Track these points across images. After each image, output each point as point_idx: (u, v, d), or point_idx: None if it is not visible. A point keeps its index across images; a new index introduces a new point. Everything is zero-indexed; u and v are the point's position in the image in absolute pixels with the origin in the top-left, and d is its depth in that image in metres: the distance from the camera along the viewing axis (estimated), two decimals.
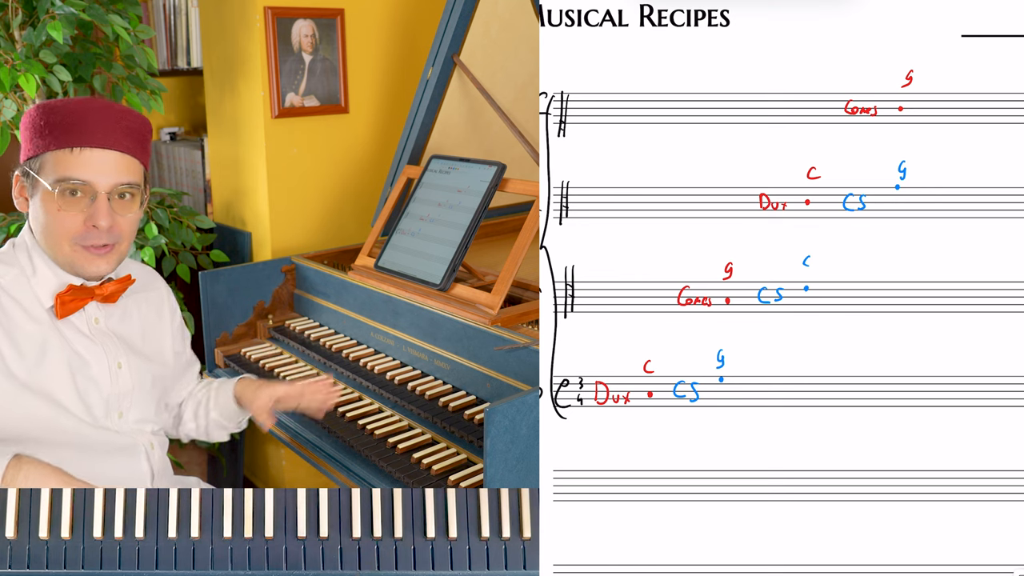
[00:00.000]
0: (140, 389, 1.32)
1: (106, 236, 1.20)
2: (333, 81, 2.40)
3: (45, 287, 1.22)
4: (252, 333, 2.09)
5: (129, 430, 1.30)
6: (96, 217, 1.19)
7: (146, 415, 1.34)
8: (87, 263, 1.21)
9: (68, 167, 1.18)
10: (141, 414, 1.32)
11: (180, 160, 2.79)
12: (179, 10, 2.77)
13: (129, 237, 1.25)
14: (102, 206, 1.19)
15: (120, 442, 1.28)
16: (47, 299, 1.22)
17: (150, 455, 1.32)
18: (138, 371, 1.32)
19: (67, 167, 1.18)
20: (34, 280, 1.22)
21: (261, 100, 2.29)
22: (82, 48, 2.06)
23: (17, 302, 1.21)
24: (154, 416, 1.37)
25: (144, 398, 1.33)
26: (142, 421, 1.32)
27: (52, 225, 1.19)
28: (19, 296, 1.21)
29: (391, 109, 2.54)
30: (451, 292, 1.71)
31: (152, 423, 1.35)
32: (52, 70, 1.90)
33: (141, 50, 2.03)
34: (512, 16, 2.19)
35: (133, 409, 1.31)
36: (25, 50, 1.91)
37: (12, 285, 1.22)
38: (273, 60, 2.26)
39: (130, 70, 2.08)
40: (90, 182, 1.18)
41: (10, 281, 1.22)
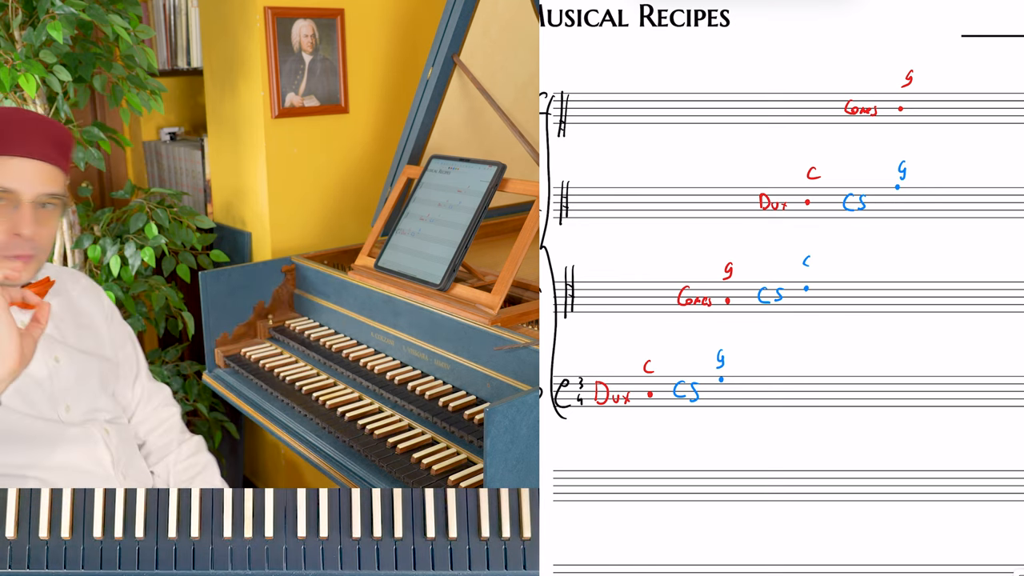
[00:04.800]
0: (83, 382, 1.32)
1: (27, 246, 1.19)
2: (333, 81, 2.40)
3: None
4: (252, 333, 2.09)
5: (80, 420, 1.29)
6: (20, 225, 1.17)
7: (96, 405, 1.33)
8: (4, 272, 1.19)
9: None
10: (89, 405, 1.32)
11: (180, 160, 2.79)
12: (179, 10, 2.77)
13: (47, 247, 1.24)
14: (26, 214, 1.18)
15: (72, 433, 1.27)
16: None
17: (107, 441, 1.31)
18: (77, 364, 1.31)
19: None
20: None
21: (261, 100, 2.29)
22: (82, 48, 2.06)
23: None
24: (107, 405, 1.36)
25: (90, 390, 1.33)
26: (93, 411, 1.32)
27: None
28: None
29: (391, 109, 2.54)
30: (451, 292, 1.71)
31: (105, 411, 1.34)
32: (52, 70, 1.90)
33: (141, 50, 2.03)
34: (512, 16, 2.19)
35: (80, 401, 1.30)
36: (25, 50, 1.91)
37: None
38: (273, 60, 2.26)
39: (130, 70, 2.08)
40: (14, 190, 1.17)
41: None
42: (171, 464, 1.46)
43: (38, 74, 1.86)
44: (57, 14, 1.83)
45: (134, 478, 1.36)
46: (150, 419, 1.49)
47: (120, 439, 1.36)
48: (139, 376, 1.50)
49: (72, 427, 1.28)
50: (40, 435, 1.24)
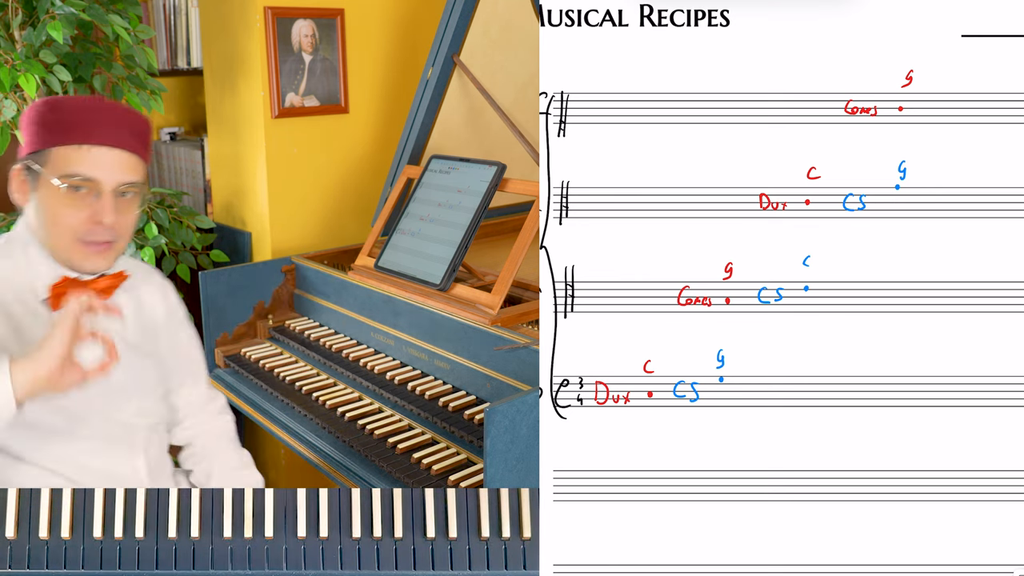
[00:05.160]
0: (137, 383, 1.32)
1: (108, 233, 1.21)
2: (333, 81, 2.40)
3: (40, 278, 1.23)
4: (252, 333, 2.09)
5: (125, 423, 1.29)
6: (101, 214, 1.19)
7: (144, 409, 1.33)
8: (85, 259, 1.22)
9: (75, 163, 1.18)
10: (138, 408, 1.32)
11: (180, 160, 2.79)
12: (179, 10, 2.76)
13: (128, 236, 1.26)
14: (107, 203, 1.20)
15: (116, 433, 1.28)
16: (43, 291, 1.22)
17: (147, 449, 1.31)
18: (135, 366, 1.32)
19: (74, 163, 1.18)
20: (30, 273, 1.23)
21: (261, 100, 2.29)
22: (82, 48, 2.06)
23: (15, 294, 1.21)
24: (155, 409, 1.36)
25: (142, 392, 1.33)
26: (139, 415, 1.32)
27: (54, 220, 1.20)
28: (16, 288, 1.22)
29: (391, 109, 2.54)
30: (451, 292, 1.71)
31: (150, 416, 1.35)
32: (52, 70, 1.90)
33: (141, 50, 2.03)
34: (512, 16, 2.19)
35: (131, 403, 1.30)
36: (25, 50, 1.91)
37: (9, 278, 1.22)
38: (273, 60, 2.26)
39: (130, 70, 2.08)
40: (96, 179, 1.19)
41: (7, 274, 1.23)
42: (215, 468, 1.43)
43: (38, 74, 1.86)
44: (57, 14, 1.83)
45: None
46: (204, 424, 1.47)
47: (159, 448, 1.36)
48: (198, 381, 1.49)
49: (117, 427, 1.28)
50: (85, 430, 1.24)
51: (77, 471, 1.23)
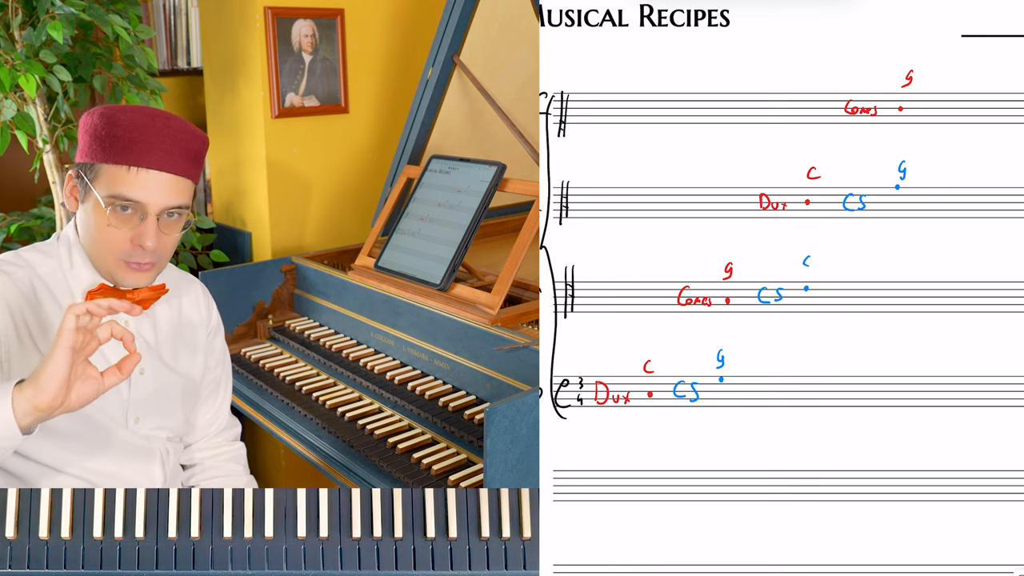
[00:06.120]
0: (161, 399, 1.31)
1: (151, 256, 1.19)
2: (333, 81, 2.40)
3: (79, 283, 1.23)
4: (252, 333, 2.09)
5: (144, 435, 1.29)
6: (143, 237, 1.17)
7: (164, 423, 1.32)
8: (126, 276, 1.20)
9: (122, 184, 1.16)
10: (159, 422, 1.31)
11: None
12: (179, 10, 2.77)
13: (168, 256, 1.24)
14: (151, 227, 1.17)
15: (135, 443, 1.28)
16: (80, 295, 1.22)
17: (164, 461, 1.31)
18: (162, 381, 1.31)
19: (121, 184, 1.16)
20: (70, 274, 1.23)
21: (261, 100, 2.29)
22: (82, 48, 2.06)
23: (51, 293, 1.21)
24: (176, 424, 1.35)
25: (165, 407, 1.32)
26: (159, 428, 1.31)
27: (98, 237, 1.19)
28: (53, 287, 1.22)
29: (391, 109, 2.54)
30: (451, 292, 1.71)
31: (171, 429, 1.34)
32: (52, 70, 1.90)
33: (141, 50, 2.03)
34: (512, 16, 2.20)
35: (151, 416, 1.30)
36: (25, 50, 1.91)
37: (49, 276, 1.22)
38: (273, 60, 2.26)
39: (130, 70, 2.08)
40: (142, 202, 1.17)
41: (47, 272, 1.22)
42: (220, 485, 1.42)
43: (38, 74, 1.86)
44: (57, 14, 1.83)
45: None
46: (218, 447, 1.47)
47: (175, 460, 1.36)
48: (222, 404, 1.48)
49: (136, 438, 1.28)
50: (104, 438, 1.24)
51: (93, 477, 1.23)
